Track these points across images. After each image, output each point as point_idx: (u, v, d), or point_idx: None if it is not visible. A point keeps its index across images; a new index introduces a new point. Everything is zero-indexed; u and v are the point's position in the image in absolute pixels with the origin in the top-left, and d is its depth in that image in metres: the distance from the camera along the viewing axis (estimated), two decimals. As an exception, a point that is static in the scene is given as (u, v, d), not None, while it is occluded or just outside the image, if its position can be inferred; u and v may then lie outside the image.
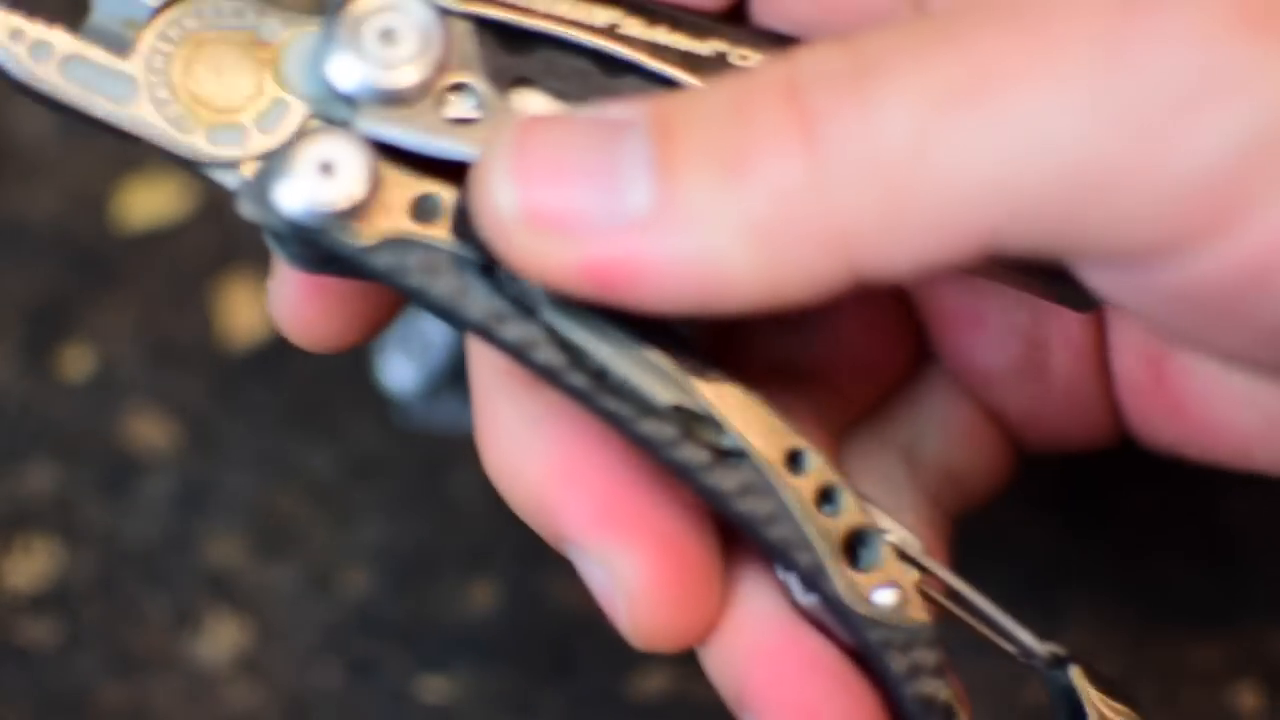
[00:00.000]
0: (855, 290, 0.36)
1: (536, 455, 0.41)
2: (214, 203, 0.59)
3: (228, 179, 0.40)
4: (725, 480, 0.39)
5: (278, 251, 0.41)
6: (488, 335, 0.38)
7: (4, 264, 0.58)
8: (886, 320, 0.48)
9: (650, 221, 0.36)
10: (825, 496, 0.39)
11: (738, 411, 0.39)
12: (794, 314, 0.46)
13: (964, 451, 0.49)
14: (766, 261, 0.36)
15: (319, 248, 0.39)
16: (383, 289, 0.41)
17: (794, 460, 0.39)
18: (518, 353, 0.38)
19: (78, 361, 0.57)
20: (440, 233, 0.38)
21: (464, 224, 0.38)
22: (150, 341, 0.58)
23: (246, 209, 0.39)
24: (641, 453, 0.39)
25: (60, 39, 0.40)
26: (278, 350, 0.58)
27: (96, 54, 0.40)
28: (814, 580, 0.39)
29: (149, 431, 0.57)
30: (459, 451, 0.56)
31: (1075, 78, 0.34)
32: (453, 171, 0.39)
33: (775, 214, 0.36)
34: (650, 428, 0.38)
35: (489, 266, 0.38)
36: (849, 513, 0.39)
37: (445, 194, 0.39)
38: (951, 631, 0.41)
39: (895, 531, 0.41)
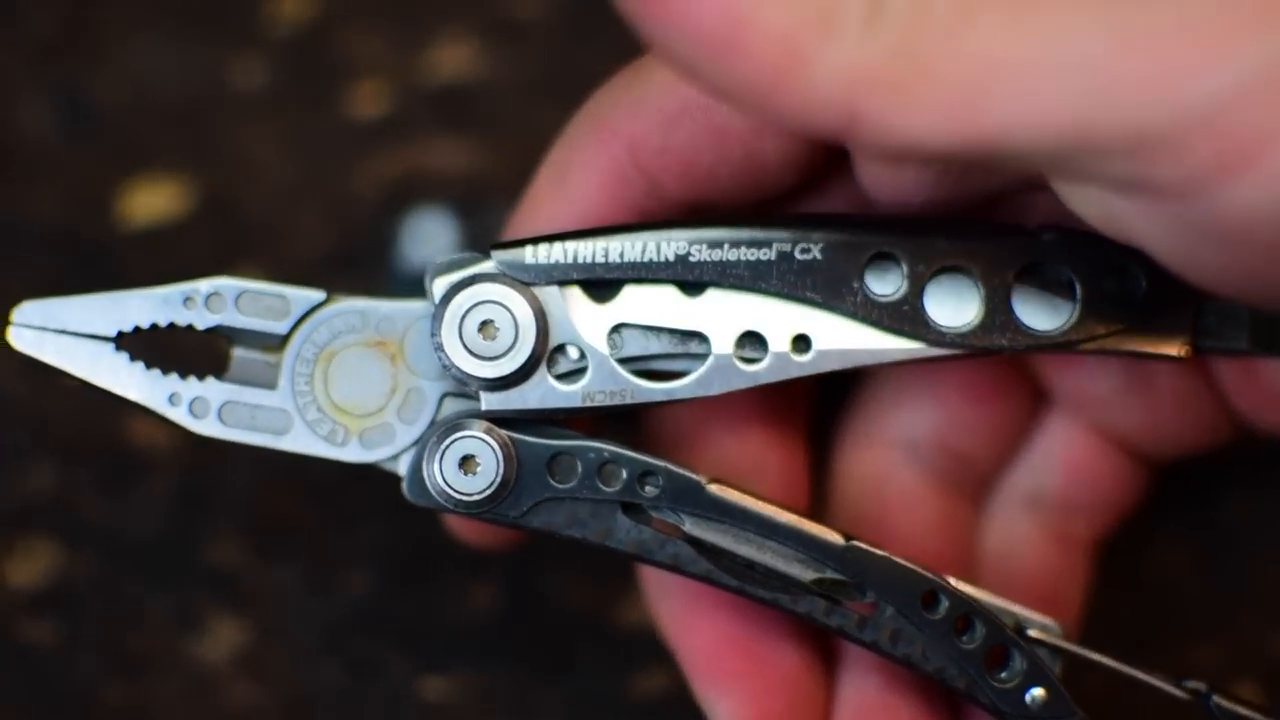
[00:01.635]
0: (843, 141, 0.37)
1: (667, 598, 0.48)
2: (214, 203, 0.59)
3: (391, 466, 0.45)
4: (875, 633, 0.45)
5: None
6: (641, 560, 0.44)
7: (5, 264, 0.58)
8: (999, 382, 0.50)
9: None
10: (965, 624, 0.45)
11: (872, 568, 0.44)
12: (909, 392, 0.49)
13: (1086, 483, 0.51)
14: (799, 99, 0.37)
15: (474, 519, 0.45)
16: None
17: (931, 599, 0.45)
18: (672, 569, 0.44)
19: (78, 361, 0.57)
20: (577, 484, 0.44)
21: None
22: (151, 341, 0.58)
23: (413, 499, 0.44)
24: (804, 623, 0.45)
25: (212, 389, 0.45)
26: (278, 350, 0.58)
27: (247, 394, 0.45)
28: (971, 695, 0.45)
29: (149, 431, 0.57)
30: (459, 451, 0.56)
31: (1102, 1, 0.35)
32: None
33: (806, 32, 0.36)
34: (803, 605, 0.44)
35: (628, 505, 0.44)
36: (989, 633, 0.45)
37: (576, 446, 0.44)
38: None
39: (1035, 621, 0.46)
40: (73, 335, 0.45)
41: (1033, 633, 0.46)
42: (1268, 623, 0.54)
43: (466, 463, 0.44)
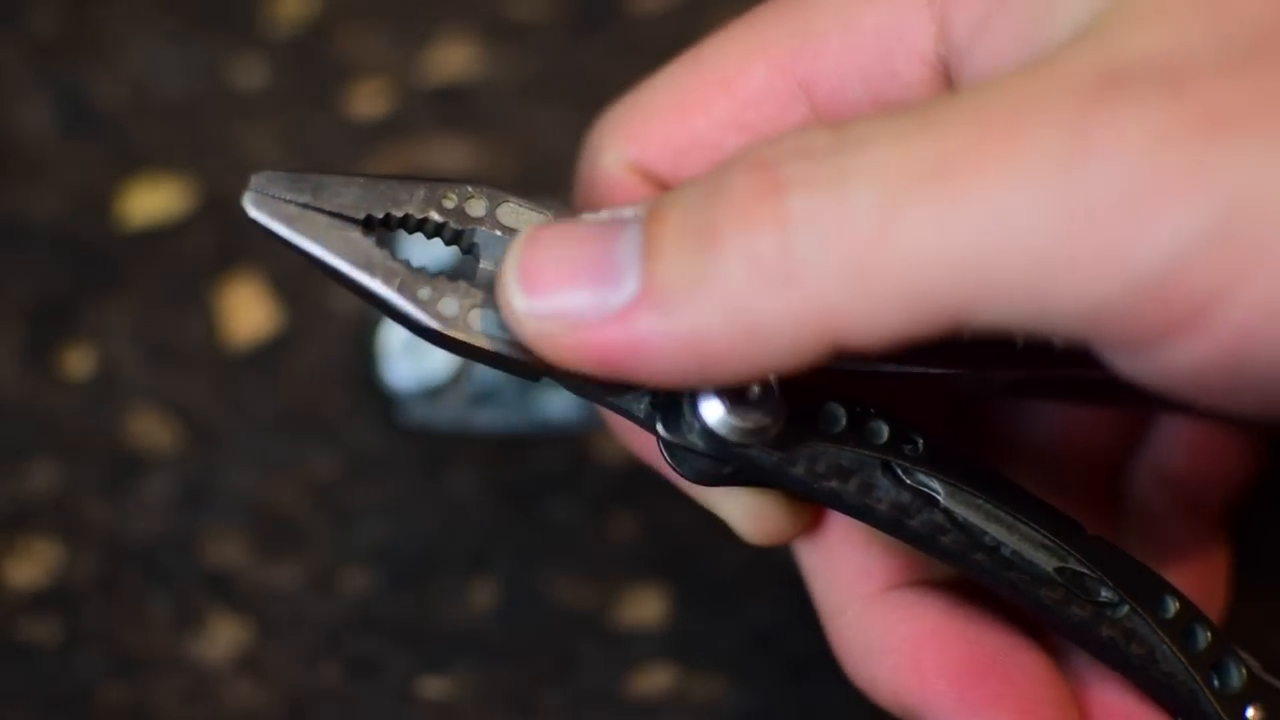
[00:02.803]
0: (835, 359, 0.37)
1: (886, 653, 0.46)
2: (214, 203, 0.59)
3: (634, 408, 0.41)
4: (1110, 629, 0.43)
5: (675, 469, 0.42)
6: (896, 526, 0.42)
7: (5, 264, 0.58)
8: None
9: (638, 305, 0.38)
10: (1188, 633, 0.43)
11: (1114, 562, 0.43)
12: (1026, 409, 0.49)
13: (1211, 452, 0.50)
14: (744, 334, 0.37)
15: (733, 461, 0.41)
16: None
17: (1160, 604, 0.43)
18: (925, 539, 0.42)
19: (79, 361, 0.58)
20: (841, 437, 0.42)
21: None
22: (151, 341, 0.58)
23: (668, 434, 0.41)
24: (1036, 613, 0.43)
25: (460, 290, 0.40)
26: (278, 350, 0.58)
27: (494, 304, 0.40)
28: (1190, 707, 0.43)
29: (150, 431, 0.57)
30: (459, 451, 0.56)
31: (1035, 170, 0.35)
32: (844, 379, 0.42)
33: (748, 286, 0.37)
34: (1044, 592, 0.42)
35: (886, 464, 0.42)
36: (1210, 645, 0.43)
37: (841, 398, 0.42)
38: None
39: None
40: (315, 211, 0.40)
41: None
42: (1268, 623, 0.54)
43: (740, 398, 0.41)
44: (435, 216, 0.41)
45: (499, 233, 0.41)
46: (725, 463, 0.41)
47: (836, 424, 0.42)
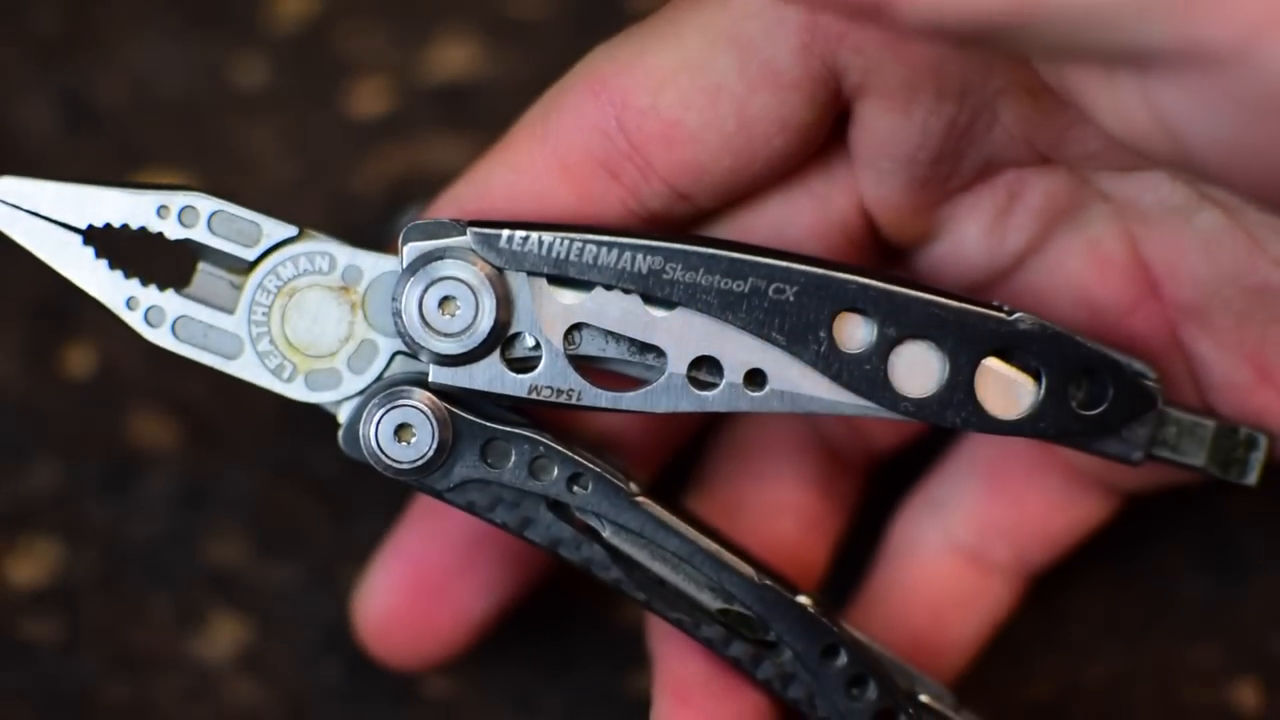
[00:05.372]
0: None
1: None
2: (215, 202, 0.59)
3: (332, 409, 0.45)
4: (769, 671, 0.45)
5: None
6: (555, 556, 0.45)
7: (5, 263, 0.58)
8: None
9: None
10: (857, 681, 0.45)
11: (780, 609, 0.45)
12: None
13: (1010, 505, 0.50)
14: None
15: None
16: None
17: (830, 651, 0.45)
18: (583, 569, 0.45)
19: (79, 360, 0.58)
20: (507, 472, 0.44)
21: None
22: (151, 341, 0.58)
23: (347, 450, 0.45)
24: (701, 649, 0.46)
25: (170, 301, 0.45)
26: (278, 350, 0.58)
27: (204, 313, 0.45)
28: None
29: (150, 430, 0.57)
30: (459, 451, 0.56)
31: None
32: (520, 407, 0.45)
33: None
34: (704, 631, 0.45)
35: (554, 502, 0.44)
36: (878, 696, 0.45)
37: (513, 434, 0.44)
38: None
39: (930, 687, 0.47)
40: (45, 220, 0.45)
41: (924, 698, 0.46)
42: (1268, 623, 0.54)
43: (402, 430, 0.44)
44: (152, 226, 0.44)
45: (213, 240, 0.44)
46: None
47: (505, 460, 0.44)
